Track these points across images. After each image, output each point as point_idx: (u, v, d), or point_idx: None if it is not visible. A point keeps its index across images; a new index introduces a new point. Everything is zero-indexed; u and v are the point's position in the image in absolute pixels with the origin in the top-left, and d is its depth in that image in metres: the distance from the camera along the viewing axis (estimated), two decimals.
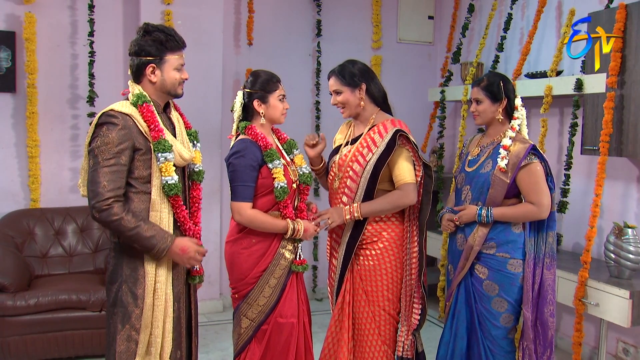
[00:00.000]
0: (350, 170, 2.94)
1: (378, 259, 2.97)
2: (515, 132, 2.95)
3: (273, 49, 5.31)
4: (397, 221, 3.00)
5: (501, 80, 2.98)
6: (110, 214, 2.28)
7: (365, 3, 5.64)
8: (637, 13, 3.61)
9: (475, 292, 2.99)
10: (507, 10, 4.96)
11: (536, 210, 2.86)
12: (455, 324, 3.04)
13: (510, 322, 2.95)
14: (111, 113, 2.35)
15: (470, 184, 3.02)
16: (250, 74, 2.93)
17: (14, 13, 4.50)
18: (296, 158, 2.96)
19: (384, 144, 2.88)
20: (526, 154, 2.86)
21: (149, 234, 2.33)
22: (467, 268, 2.99)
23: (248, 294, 2.82)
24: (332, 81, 3.01)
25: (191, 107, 3.41)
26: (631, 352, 4.00)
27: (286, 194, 2.76)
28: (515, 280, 2.91)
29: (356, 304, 3.00)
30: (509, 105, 2.98)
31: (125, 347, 2.39)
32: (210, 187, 4.89)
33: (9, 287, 3.81)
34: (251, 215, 2.76)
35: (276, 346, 2.82)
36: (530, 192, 2.87)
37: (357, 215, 2.91)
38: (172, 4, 4.74)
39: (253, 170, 2.75)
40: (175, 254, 2.41)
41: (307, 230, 2.84)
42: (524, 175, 2.87)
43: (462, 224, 3.02)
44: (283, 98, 2.88)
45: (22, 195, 4.61)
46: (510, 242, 2.91)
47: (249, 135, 2.82)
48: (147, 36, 2.44)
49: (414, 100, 5.75)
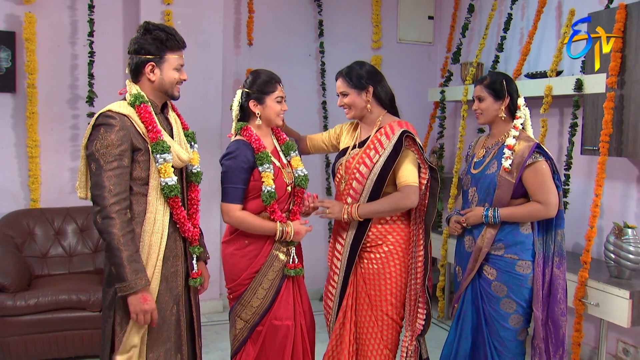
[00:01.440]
0: (357, 172, 2.91)
1: (382, 262, 2.92)
2: (519, 131, 2.94)
3: (273, 49, 5.31)
4: (402, 224, 2.95)
5: (504, 79, 2.98)
6: (110, 224, 2.25)
7: (365, 3, 5.64)
8: (637, 13, 3.61)
9: (483, 293, 2.97)
10: (507, 11, 4.96)
11: (543, 209, 2.85)
12: (461, 324, 3.04)
13: (519, 324, 2.92)
14: (108, 114, 2.33)
15: (476, 185, 3.01)
16: (250, 73, 2.92)
17: (13, 13, 4.50)
18: (293, 160, 2.93)
19: (391, 145, 2.85)
20: (531, 152, 2.84)
21: (130, 267, 2.27)
22: (476, 270, 2.98)
23: (241, 295, 2.82)
24: (339, 83, 2.99)
25: (191, 107, 3.41)
26: (631, 352, 4.00)
27: (273, 198, 2.74)
28: (524, 282, 2.89)
29: (359, 307, 2.98)
30: (511, 103, 2.98)
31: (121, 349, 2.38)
32: (210, 187, 4.88)
33: (9, 287, 3.81)
34: (239, 217, 2.76)
35: (271, 348, 2.81)
36: (536, 191, 2.86)
37: (355, 216, 2.87)
38: (172, 4, 4.74)
39: (243, 172, 2.75)
40: (137, 300, 2.31)
41: (298, 233, 2.81)
42: (530, 175, 2.86)
43: (470, 225, 3.01)
44: (281, 100, 2.85)
45: (22, 195, 4.61)
46: (519, 243, 2.89)
47: (244, 137, 2.81)
48: (148, 34, 2.42)
49: (414, 100, 5.75)
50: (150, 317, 2.35)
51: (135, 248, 2.30)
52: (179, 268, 2.51)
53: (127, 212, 2.32)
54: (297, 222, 2.84)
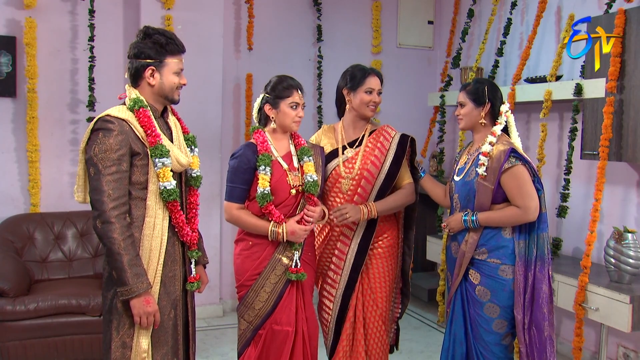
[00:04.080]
0: (365, 172, 3.04)
1: (385, 257, 3.13)
2: (497, 137, 2.92)
3: (273, 53, 5.32)
4: (394, 220, 3.20)
5: (487, 85, 2.99)
6: (109, 229, 2.26)
7: (365, 8, 5.65)
8: (636, 18, 3.62)
9: (469, 297, 2.98)
10: (506, 15, 4.97)
11: (522, 214, 2.82)
12: (454, 330, 3.04)
13: (503, 328, 2.91)
14: (107, 118, 2.33)
15: (458, 192, 3.03)
16: (273, 77, 2.95)
17: (14, 18, 4.51)
18: (305, 165, 2.92)
19: (394, 144, 3.06)
20: (506, 157, 2.83)
21: (131, 270, 2.28)
22: (462, 274, 2.98)
23: (245, 295, 2.86)
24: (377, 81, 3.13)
25: (191, 111, 3.42)
26: (631, 357, 3.99)
27: (266, 199, 2.76)
28: (507, 286, 2.88)
29: (366, 303, 3.10)
30: (492, 110, 2.97)
31: (120, 354, 2.39)
32: (210, 191, 4.89)
33: (8, 292, 3.81)
34: (236, 215, 2.84)
35: (269, 352, 2.82)
36: (515, 196, 2.84)
37: (374, 214, 3.00)
38: (173, 9, 4.75)
39: (244, 173, 2.81)
40: (139, 303, 2.33)
41: (293, 233, 2.79)
42: (507, 179, 2.84)
43: (452, 231, 3.03)
44: (297, 106, 2.87)
45: (22, 200, 4.61)
46: (501, 247, 2.89)
47: (254, 139, 2.88)
48: (148, 39, 2.42)
49: (413, 104, 5.76)
50: (154, 318, 2.37)
51: (135, 252, 2.31)
52: (177, 272, 2.51)
53: (127, 217, 2.32)
54: (292, 221, 2.82)
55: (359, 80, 3.06)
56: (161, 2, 4.74)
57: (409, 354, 4.39)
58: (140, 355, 2.39)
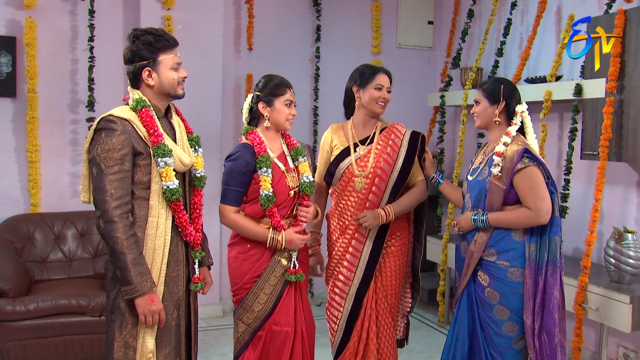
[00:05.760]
0: (379, 170, 3.05)
1: (398, 255, 3.16)
2: (512, 138, 2.89)
3: (273, 54, 5.32)
4: (405, 217, 3.21)
5: (503, 84, 2.95)
6: (112, 229, 2.27)
7: (365, 8, 5.65)
8: (636, 18, 3.62)
9: (478, 299, 2.95)
10: (506, 16, 4.97)
11: (533, 215, 2.79)
12: (457, 329, 3.02)
13: (514, 332, 2.87)
14: (110, 118, 2.34)
15: (470, 192, 3.01)
16: (262, 77, 2.94)
17: (14, 18, 4.51)
18: (300, 166, 2.91)
19: (406, 142, 3.09)
20: (519, 158, 2.79)
21: (135, 269, 2.29)
22: (470, 274, 2.96)
23: (244, 298, 2.83)
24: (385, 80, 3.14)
25: (191, 111, 3.41)
26: (632, 357, 4.00)
27: (271, 202, 2.74)
28: (517, 289, 2.84)
29: (378, 300, 3.13)
30: (507, 109, 2.95)
31: (122, 353, 2.39)
32: (210, 192, 4.84)
33: (8, 292, 3.81)
34: (232, 219, 2.80)
35: (269, 354, 2.82)
36: (527, 197, 2.81)
37: (391, 217, 3.04)
38: (173, 9, 4.75)
39: (242, 175, 2.77)
40: (144, 302, 2.34)
41: (291, 242, 2.78)
42: (520, 180, 2.81)
43: (461, 230, 3.01)
44: (290, 104, 2.86)
45: (22, 200, 4.60)
46: (511, 250, 2.85)
47: (249, 140, 2.83)
48: (137, 41, 2.42)
49: (413, 105, 5.76)
50: (158, 317, 2.37)
51: (138, 251, 2.31)
52: (180, 272, 2.51)
53: (129, 216, 2.33)
54: (291, 230, 2.81)
55: (368, 77, 3.07)
56: (161, 2, 4.74)
57: (409, 354, 4.39)
58: (146, 355, 2.39)
